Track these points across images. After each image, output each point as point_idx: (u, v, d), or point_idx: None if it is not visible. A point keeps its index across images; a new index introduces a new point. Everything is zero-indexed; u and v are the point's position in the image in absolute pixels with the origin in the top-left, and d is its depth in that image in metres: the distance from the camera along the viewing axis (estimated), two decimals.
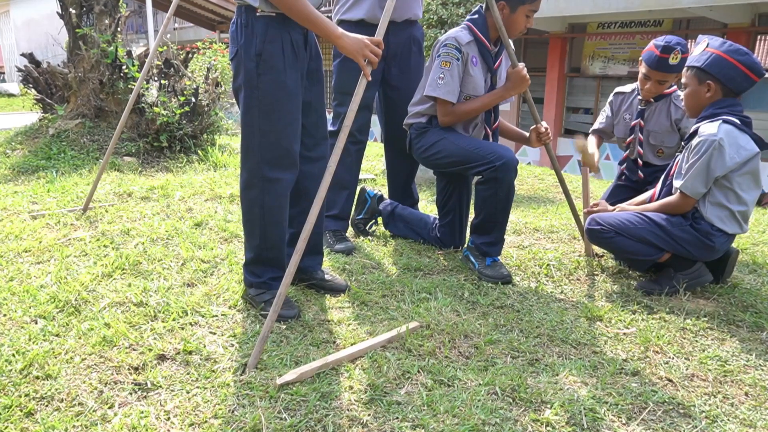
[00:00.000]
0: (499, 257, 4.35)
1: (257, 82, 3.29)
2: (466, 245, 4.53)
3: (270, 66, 3.28)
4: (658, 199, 4.15)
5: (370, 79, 3.29)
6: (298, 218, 3.65)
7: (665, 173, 4.17)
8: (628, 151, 4.93)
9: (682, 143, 4.06)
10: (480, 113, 4.38)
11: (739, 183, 3.85)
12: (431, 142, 4.38)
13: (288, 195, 3.52)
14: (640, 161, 4.87)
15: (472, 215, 4.47)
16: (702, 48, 3.96)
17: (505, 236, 4.39)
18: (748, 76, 3.84)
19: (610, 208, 4.26)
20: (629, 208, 4.18)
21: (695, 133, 3.92)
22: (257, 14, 3.24)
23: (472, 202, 4.61)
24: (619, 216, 4.07)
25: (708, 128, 3.81)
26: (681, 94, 4.22)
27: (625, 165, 4.97)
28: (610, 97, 5.13)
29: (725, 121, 3.82)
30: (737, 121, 3.84)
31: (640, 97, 4.77)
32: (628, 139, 4.89)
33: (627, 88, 5.03)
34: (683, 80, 4.05)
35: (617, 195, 4.93)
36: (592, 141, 5.03)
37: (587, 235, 4.24)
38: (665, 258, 4.05)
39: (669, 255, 4.03)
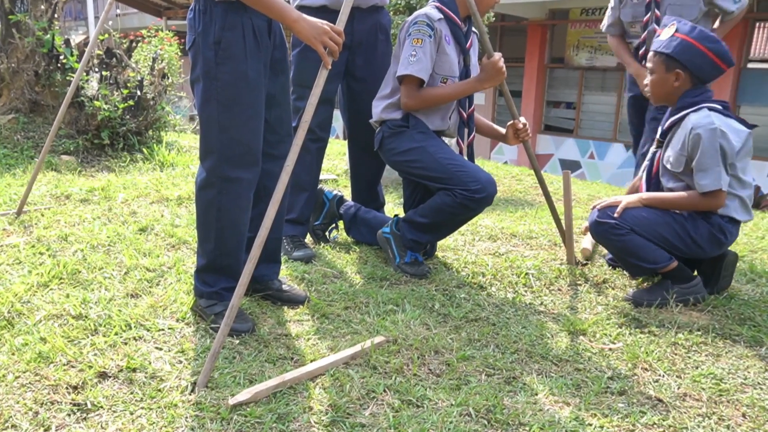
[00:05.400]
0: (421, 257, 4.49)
1: (216, 73, 3.29)
2: (392, 225, 4.58)
3: (229, 55, 3.27)
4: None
5: (329, 67, 3.29)
6: (257, 221, 3.60)
7: (647, 172, 4.18)
8: (642, 49, 5.12)
9: (658, 138, 4.09)
10: (447, 102, 4.40)
11: (740, 167, 3.92)
12: (407, 147, 4.36)
13: (249, 196, 3.52)
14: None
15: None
16: (671, 32, 3.99)
17: (480, 242, 4.40)
18: (717, 65, 3.93)
19: (624, 203, 4.17)
20: (657, 198, 4.10)
21: (677, 124, 3.98)
22: None
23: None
24: (633, 211, 4.04)
25: (698, 119, 3.85)
26: None
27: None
28: None
29: (710, 109, 3.90)
30: (720, 108, 3.93)
31: None
32: (645, 18, 5.02)
33: None
34: (648, 64, 4.10)
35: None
36: (617, 46, 5.39)
37: (594, 231, 4.18)
38: (669, 268, 4.06)
39: (675, 266, 4.05)
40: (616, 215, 4.00)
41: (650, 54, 4.11)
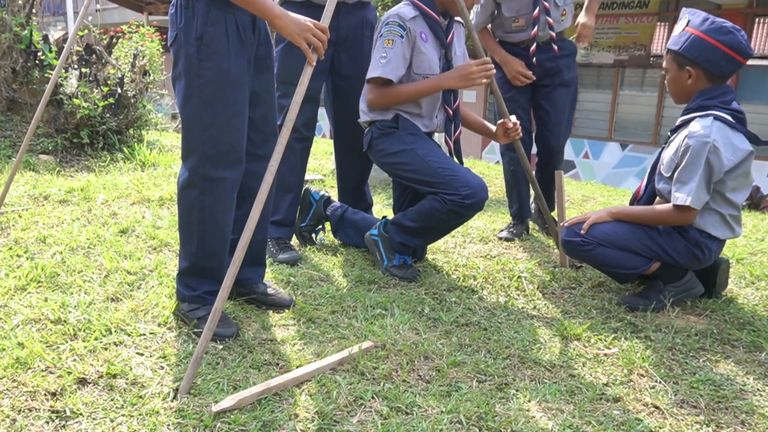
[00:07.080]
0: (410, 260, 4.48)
1: (198, 69, 3.28)
2: (380, 227, 4.58)
3: (212, 51, 3.26)
4: (643, 195, 4.17)
5: (314, 64, 3.28)
6: (241, 223, 3.58)
7: (651, 170, 4.18)
8: (535, 32, 5.09)
9: (669, 133, 4.08)
10: (412, 100, 4.39)
11: (730, 185, 3.86)
12: (397, 149, 4.36)
13: (233, 197, 3.52)
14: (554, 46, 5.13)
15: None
16: (681, 27, 3.96)
17: (471, 244, 4.40)
18: (733, 58, 3.83)
19: (592, 219, 4.19)
20: (625, 212, 4.13)
21: (683, 125, 3.94)
22: None
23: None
24: (601, 226, 4.06)
25: (699, 127, 3.79)
26: None
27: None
28: None
29: (716, 118, 3.82)
30: (730, 119, 3.84)
31: None
32: (535, 12, 5.00)
33: None
34: (664, 64, 4.08)
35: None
36: (482, 37, 5.27)
37: (564, 249, 4.24)
38: (653, 269, 4.07)
39: (658, 265, 4.05)
40: (582, 232, 4.02)
41: (664, 52, 4.10)
